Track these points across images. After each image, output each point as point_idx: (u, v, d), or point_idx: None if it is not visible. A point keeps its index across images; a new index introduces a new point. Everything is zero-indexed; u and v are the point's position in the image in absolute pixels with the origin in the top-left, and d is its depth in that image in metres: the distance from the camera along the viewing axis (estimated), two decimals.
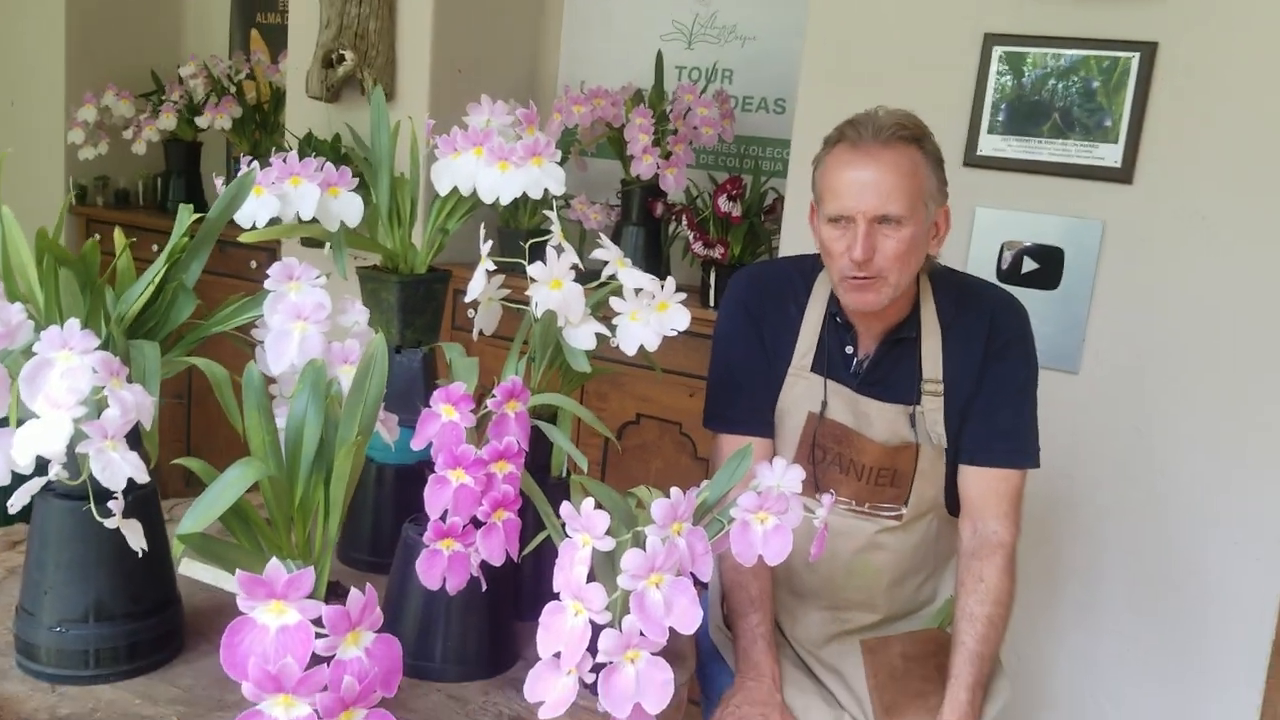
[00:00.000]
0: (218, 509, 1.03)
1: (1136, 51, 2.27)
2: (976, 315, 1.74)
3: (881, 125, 1.62)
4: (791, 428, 1.78)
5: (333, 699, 0.93)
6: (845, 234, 1.63)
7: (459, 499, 1.20)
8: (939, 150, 1.69)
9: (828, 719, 1.73)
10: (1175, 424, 2.35)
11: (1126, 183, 2.32)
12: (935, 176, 1.66)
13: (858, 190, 1.60)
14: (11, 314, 1.09)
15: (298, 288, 1.25)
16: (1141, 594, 2.43)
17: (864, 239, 1.60)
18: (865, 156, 1.61)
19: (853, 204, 1.61)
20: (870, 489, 1.74)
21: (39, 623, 1.27)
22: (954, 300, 1.76)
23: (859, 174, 1.61)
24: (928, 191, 1.63)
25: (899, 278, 1.64)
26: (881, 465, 1.73)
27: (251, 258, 3.54)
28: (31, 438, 1.04)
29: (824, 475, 1.74)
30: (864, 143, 1.62)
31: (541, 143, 1.53)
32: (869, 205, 1.60)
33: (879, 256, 1.61)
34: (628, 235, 3.05)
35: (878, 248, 1.61)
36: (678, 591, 1.17)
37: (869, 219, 1.60)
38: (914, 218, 1.61)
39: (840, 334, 1.76)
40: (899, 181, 1.60)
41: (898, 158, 1.61)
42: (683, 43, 3.31)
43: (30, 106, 4.25)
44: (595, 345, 1.47)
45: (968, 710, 1.64)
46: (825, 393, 1.75)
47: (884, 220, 1.60)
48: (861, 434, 1.73)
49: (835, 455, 1.75)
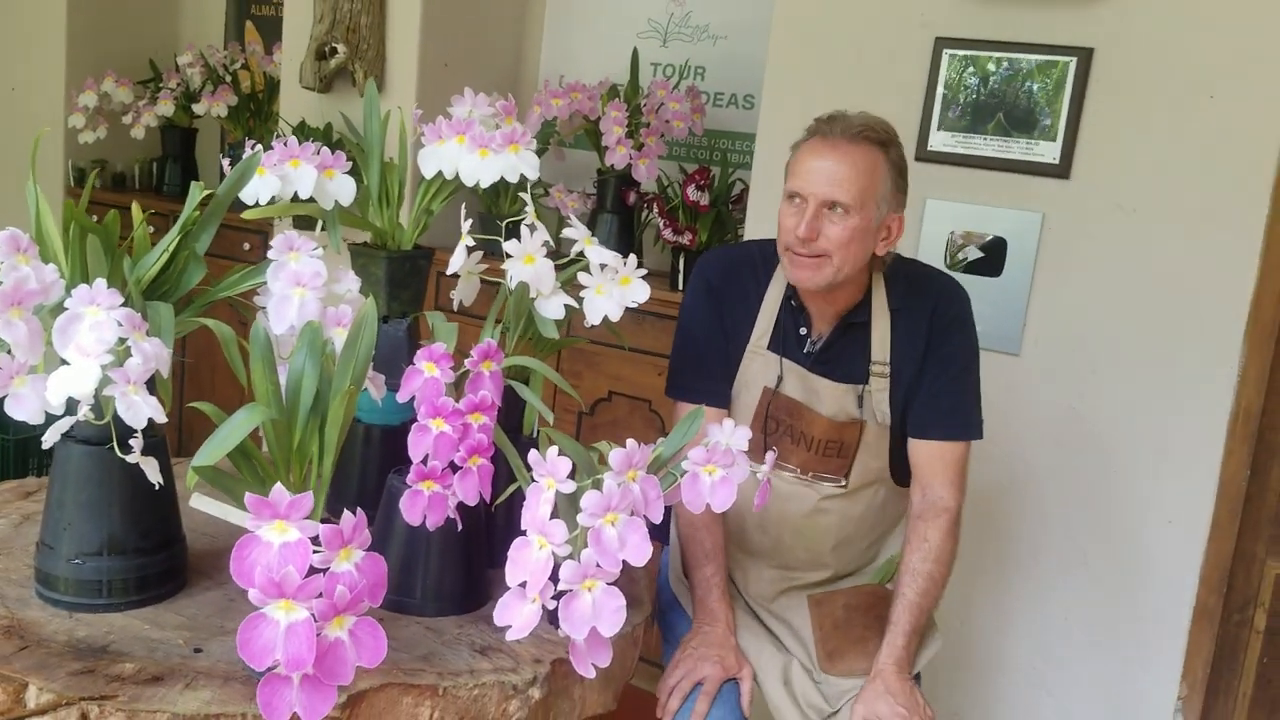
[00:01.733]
0: (228, 445, 1.18)
1: (1074, 56, 2.42)
2: (922, 300, 1.87)
3: (851, 124, 1.76)
4: (747, 401, 1.90)
5: (327, 605, 1.07)
6: (798, 212, 1.76)
7: (438, 445, 1.35)
8: (903, 161, 1.82)
9: (776, 662, 1.88)
10: (1109, 402, 2.49)
11: (1064, 178, 2.46)
12: (892, 182, 1.78)
13: (814, 175, 1.74)
14: (46, 274, 1.24)
15: (297, 257, 1.40)
16: (1079, 564, 2.57)
17: (810, 219, 1.73)
18: (830, 148, 1.75)
19: (807, 185, 1.75)
20: (817, 459, 1.88)
21: (58, 555, 1.41)
22: (902, 287, 1.88)
23: (820, 162, 1.75)
24: (881, 192, 1.76)
25: (840, 262, 1.75)
26: (829, 438, 1.86)
27: (245, 240, 3.68)
28: (64, 381, 1.18)
29: (776, 444, 1.87)
30: (833, 136, 1.76)
31: (519, 132, 1.67)
32: (820, 189, 1.73)
33: (822, 239, 1.74)
34: (602, 222, 3.18)
35: (822, 230, 1.74)
36: (630, 529, 1.32)
37: (819, 201, 1.73)
38: (861, 211, 1.73)
39: (795, 316, 1.89)
40: (853, 174, 1.73)
41: (858, 154, 1.74)
42: (658, 40, 3.45)
43: (31, 92, 4.36)
44: (564, 315, 1.62)
45: (903, 654, 1.78)
46: (781, 369, 1.87)
47: (832, 206, 1.73)
48: (811, 409, 1.86)
49: (787, 427, 1.88)
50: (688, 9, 3.39)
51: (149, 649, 1.34)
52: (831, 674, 1.85)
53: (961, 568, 2.62)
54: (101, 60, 4.23)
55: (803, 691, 1.85)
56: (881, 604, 1.89)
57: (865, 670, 1.81)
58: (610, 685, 1.56)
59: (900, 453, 1.90)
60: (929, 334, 1.86)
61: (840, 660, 1.86)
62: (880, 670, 1.77)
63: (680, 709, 1.78)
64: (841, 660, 1.86)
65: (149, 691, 1.24)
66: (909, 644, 1.80)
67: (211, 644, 1.37)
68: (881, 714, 1.73)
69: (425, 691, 1.32)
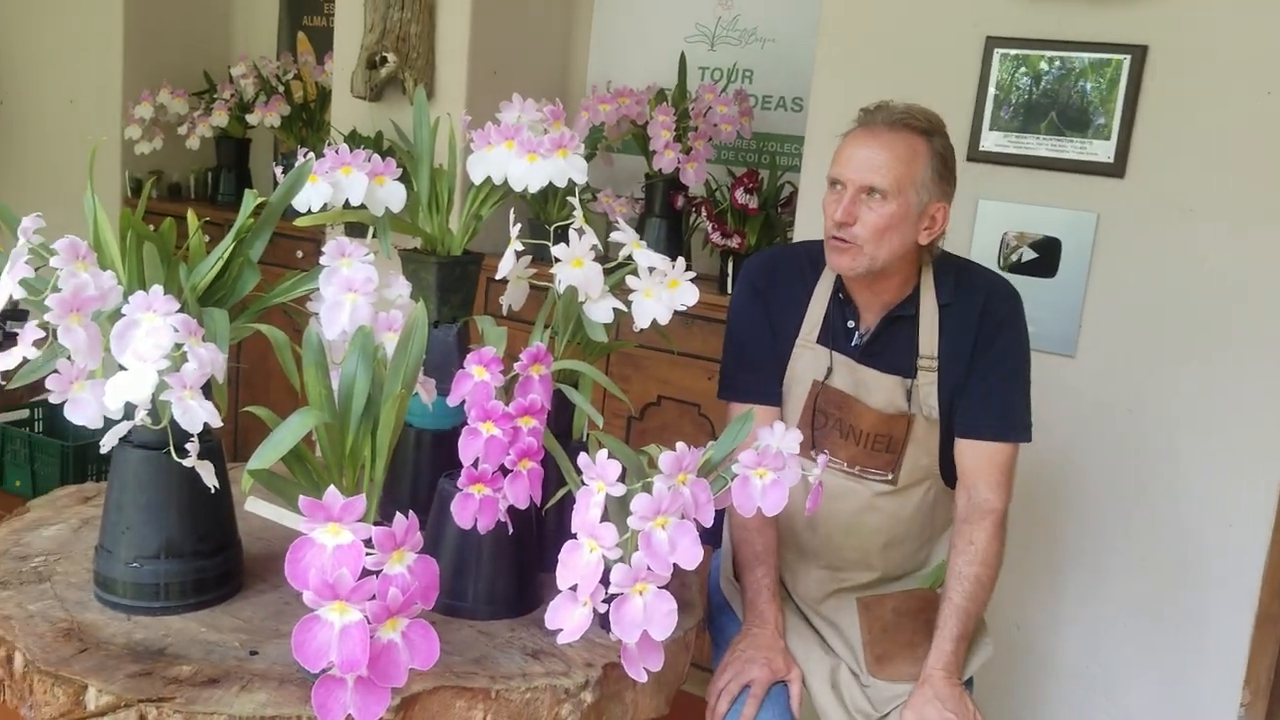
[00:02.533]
0: (283, 448, 1.19)
1: (1128, 54, 2.39)
2: (971, 298, 1.85)
3: (893, 112, 1.78)
4: (797, 395, 1.90)
5: (380, 607, 1.08)
6: (837, 198, 1.78)
7: (489, 448, 1.36)
8: (949, 150, 1.81)
9: (825, 665, 1.87)
10: (1166, 403, 2.45)
11: (1119, 177, 2.43)
12: (934, 170, 1.77)
13: (853, 161, 1.76)
14: (104, 280, 1.26)
15: (349, 263, 1.41)
16: (1134, 567, 2.54)
17: (847, 203, 1.75)
18: (870, 135, 1.77)
19: (845, 171, 1.77)
20: (866, 453, 1.86)
21: (116, 559, 1.43)
22: (952, 283, 1.86)
23: (860, 149, 1.76)
24: (920, 179, 1.75)
25: (875, 249, 1.76)
26: (878, 431, 1.85)
27: (298, 248, 3.73)
28: (122, 386, 1.20)
29: (824, 439, 1.86)
30: (875, 125, 1.77)
31: (566, 136, 1.68)
32: (857, 174, 1.75)
33: (859, 225, 1.75)
34: (650, 227, 3.18)
35: (859, 217, 1.74)
36: (681, 533, 1.32)
37: (856, 187, 1.75)
38: (899, 197, 1.73)
39: (843, 309, 1.89)
40: (890, 160, 1.73)
41: (898, 141, 1.75)
42: (705, 44, 3.45)
43: (89, 104, 4.45)
44: (612, 319, 1.62)
45: (952, 660, 1.76)
46: (830, 361, 1.87)
47: (870, 192, 1.74)
48: (860, 401, 1.85)
49: (836, 420, 1.87)
50: (735, 12, 3.39)
51: (206, 651, 1.36)
52: (880, 678, 1.84)
53: (1013, 570, 2.60)
54: (157, 72, 4.31)
55: (850, 696, 1.84)
56: (931, 609, 1.87)
57: (914, 675, 1.80)
58: (662, 690, 1.55)
59: (950, 451, 1.88)
60: (978, 332, 1.84)
61: (889, 665, 1.85)
62: (929, 675, 1.75)
63: (729, 712, 1.77)
64: (890, 665, 1.85)
65: (206, 693, 1.26)
66: (957, 649, 1.78)
67: (267, 647, 1.38)
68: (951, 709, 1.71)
69: (478, 695, 1.32)
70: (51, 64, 4.63)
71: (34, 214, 1.31)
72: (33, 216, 1.31)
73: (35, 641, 1.34)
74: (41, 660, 1.30)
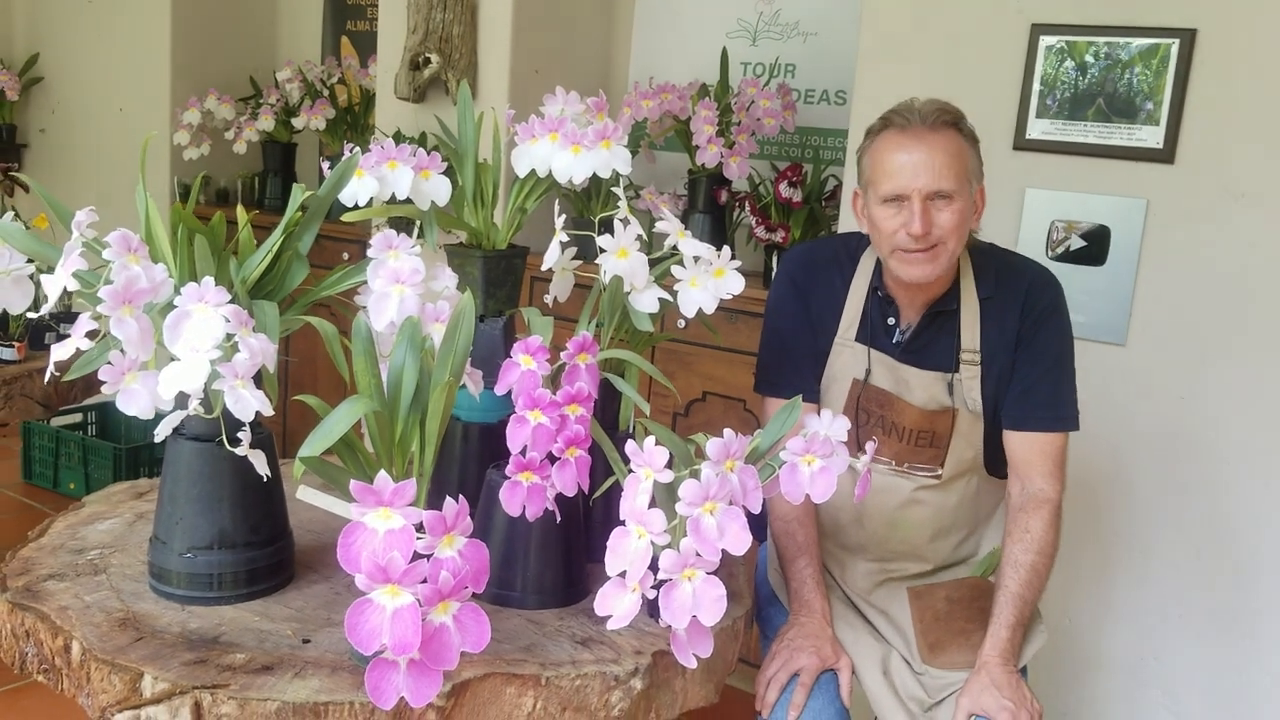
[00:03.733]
0: (334, 436, 1.20)
1: (1176, 38, 2.36)
2: (1013, 290, 1.84)
3: (926, 111, 1.75)
4: (837, 394, 1.89)
5: (431, 590, 1.09)
6: (900, 212, 1.74)
7: (536, 436, 1.36)
8: (974, 132, 1.81)
9: (875, 653, 1.86)
10: (1220, 392, 2.42)
11: (1168, 163, 2.40)
12: (975, 156, 1.78)
13: (911, 170, 1.72)
14: (157, 273, 1.27)
15: (397, 255, 1.42)
16: (1190, 558, 2.50)
17: (922, 214, 1.71)
18: (914, 140, 1.73)
19: (908, 183, 1.72)
20: (910, 449, 1.86)
21: (171, 550, 1.45)
22: (992, 275, 1.86)
23: (911, 155, 1.73)
24: (971, 169, 1.76)
25: (956, 245, 1.76)
26: (921, 428, 1.84)
27: (344, 250, 3.76)
28: (175, 377, 1.22)
29: (867, 437, 1.83)
30: (912, 127, 1.74)
31: (610, 128, 1.68)
32: (923, 183, 1.72)
33: (936, 229, 1.72)
34: (694, 222, 3.17)
35: (935, 221, 1.72)
36: (730, 518, 1.32)
37: (924, 195, 1.72)
38: (962, 192, 1.74)
39: (883, 307, 1.88)
40: (948, 160, 1.72)
41: (944, 139, 1.74)
42: (747, 39, 3.45)
43: (138, 111, 4.53)
44: (658, 309, 1.62)
45: (1007, 647, 1.75)
46: (869, 361, 1.86)
47: (938, 196, 1.72)
48: (902, 398, 1.84)
49: (878, 418, 1.86)
50: (777, 7, 3.38)
51: (259, 640, 1.37)
52: (934, 666, 1.83)
53: (1063, 561, 2.56)
54: (204, 79, 4.37)
55: (902, 683, 1.83)
56: (984, 597, 1.87)
57: (969, 663, 1.79)
58: (711, 678, 1.55)
59: (994, 443, 1.88)
60: (1020, 324, 1.83)
61: (943, 653, 1.84)
62: (985, 662, 1.74)
63: (778, 701, 1.76)
64: (944, 653, 1.84)
65: (259, 681, 1.27)
66: (1014, 636, 1.77)
67: (319, 635, 1.40)
68: (988, 707, 1.70)
69: (528, 681, 1.33)
70: (101, 72, 4.72)
71: (87, 208, 1.33)
72: (86, 210, 1.33)
73: (92, 631, 1.36)
74: (99, 649, 1.32)
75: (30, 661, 1.40)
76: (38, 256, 1.45)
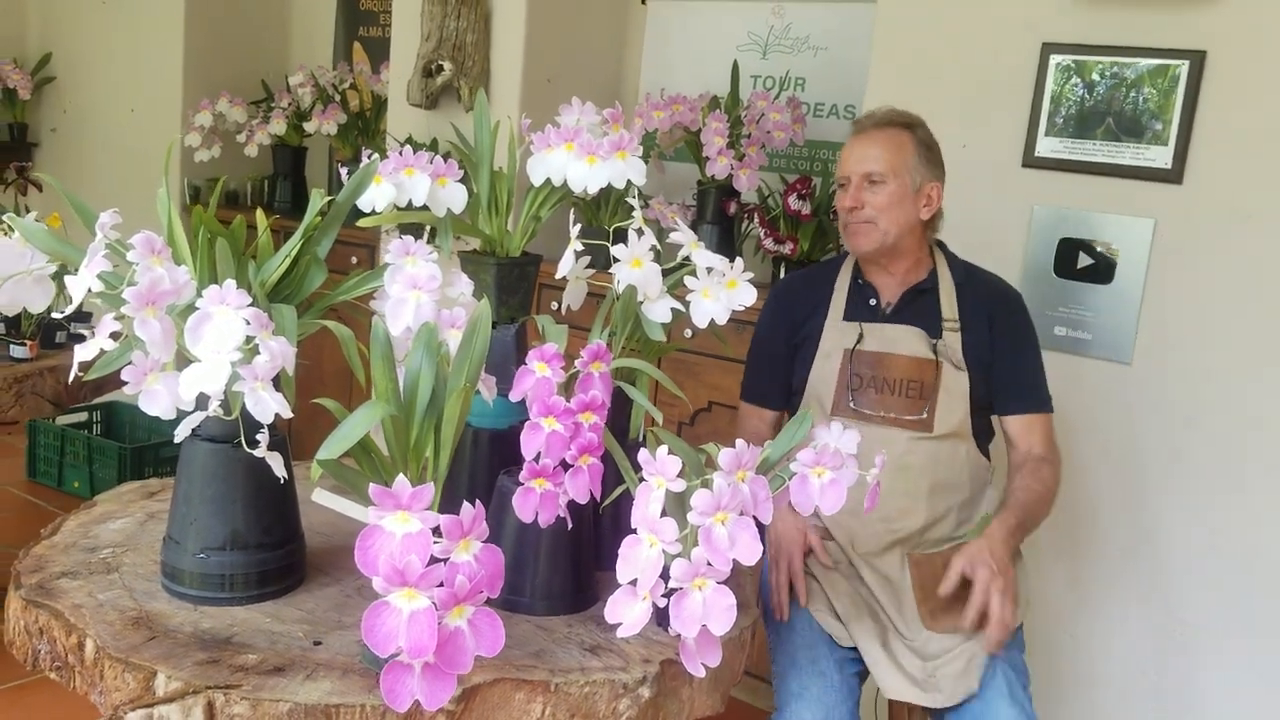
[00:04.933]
0: (351, 439, 1.21)
1: (1186, 60, 2.37)
2: (982, 284, 2.13)
3: (877, 115, 2.11)
4: (832, 365, 2.09)
5: (447, 594, 1.10)
6: (845, 191, 2.08)
7: (550, 443, 1.37)
8: (931, 139, 2.10)
9: (874, 630, 1.99)
10: (1227, 412, 2.43)
11: (1176, 183, 2.42)
12: (921, 155, 2.06)
13: (853, 158, 2.08)
14: (179, 275, 1.29)
15: (414, 261, 1.44)
16: (1195, 579, 2.51)
17: (854, 190, 2.06)
18: (862, 135, 2.09)
19: (846, 168, 2.09)
20: (901, 401, 2.04)
21: (184, 550, 1.46)
22: (964, 270, 2.13)
23: (855, 149, 2.09)
24: (911, 163, 2.05)
25: (886, 224, 2.05)
26: (910, 377, 2.04)
27: (353, 253, 3.78)
28: (196, 378, 1.23)
29: (862, 397, 2.06)
30: (865, 128, 2.10)
31: (625, 138, 1.70)
32: (858, 166, 2.06)
33: (867, 207, 2.04)
34: (703, 233, 3.17)
35: (866, 200, 2.04)
36: (741, 528, 1.33)
37: (859, 176, 2.05)
38: (896, 179, 2.03)
39: (864, 291, 2.14)
40: (881, 150, 2.05)
41: (886, 135, 2.06)
42: (758, 53, 3.46)
43: (150, 113, 4.54)
44: (671, 319, 1.64)
45: (1010, 531, 1.94)
46: (861, 330, 2.08)
47: (870, 179, 2.04)
48: (891, 353, 2.05)
49: (870, 379, 2.06)
50: (788, 21, 3.40)
51: (271, 641, 1.38)
52: (934, 630, 1.95)
53: (1069, 578, 2.58)
54: (216, 82, 4.39)
55: (900, 653, 1.96)
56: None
57: (965, 629, 1.91)
58: (719, 687, 1.56)
59: (979, 417, 2.08)
60: (991, 311, 2.08)
61: (942, 618, 1.96)
62: (989, 534, 1.93)
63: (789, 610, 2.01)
64: (945, 617, 1.96)
65: (271, 681, 1.28)
66: (1009, 538, 1.94)
67: (330, 637, 1.41)
68: (979, 574, 1.88)
69: (537, 687, 1.33)
70: (113, 73, 4.73)
71: (111, 209, 1.34)
72: (110, 212, 1.34)
73: (105, 629, 1.37)
74: (112, 647, 1.33)
75: (43, 658, 1.41)
76: (56, 256, 1.47)
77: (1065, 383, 2.35)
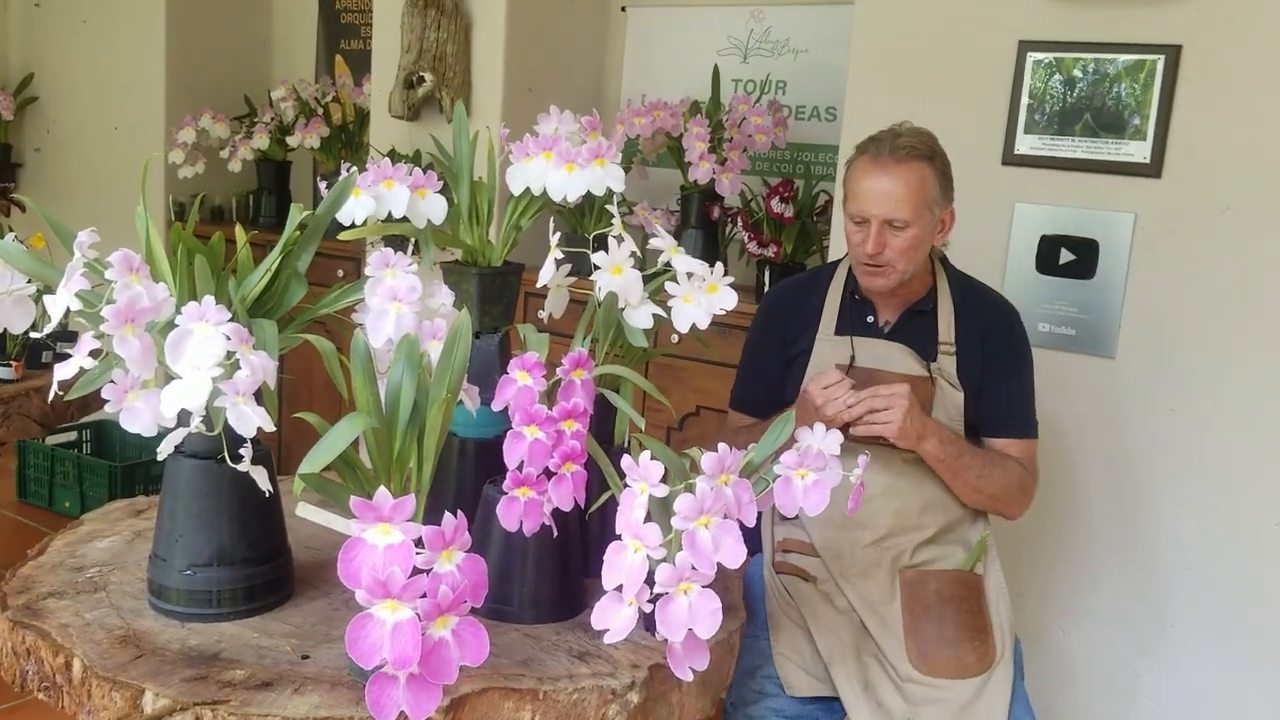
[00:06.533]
0: (334, 452, 1.22)
1: (1162, 54, 2.38)
2: (979, 302, 2.08)
3: (898, 144, 1.93)
4: None
5: (430, 604, 1.10)
6: (862, 230, 1.96)
7: (533, 452, 1.38)
8: (947, 164, 1.99)
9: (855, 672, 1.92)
10: (1210, 404, 2.44)
11: (1155, 177, 2.43)
12: (940, 186, 1.96)
13: (873, 198, 1.93)
14: (158, 292, 1.29)
15: (394, 273, 1.44)
16: (1181, 571, 2.51)
17: (875, 237, 1.93)
18: (881, 170, 1.93)
19: (868, 208, 1.93)
20: None
21: (170, 567, 1.46)
22: (962, 288, 2.08)
23: (875, 184, 1.93)
24: (932, 200, 1.94)
25: (905, 266, 1.96)
26: None
27: (338, 267, 3.78)
28: (177, 394, 1.23)
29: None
30: (882, 157, 1.93)
31: (604, 146, 1.70)
32: (880, 211, 1.92)
33: (888, 251, 1.93)
34: (687, 238, 3.20)
35: (887, 244, 1.93)
36: (724, 532, 1.33)
37: (880, 221, 1.92)
38: (918, 222, 1.93)
39: (860, 307, 2.07)
40: (907, 193, 1.91)
41: (908, 173, 1.92)
42: (738, 57, 3.47)
43: (132, 130, 4.54)
44: (652, 325, 1.64)
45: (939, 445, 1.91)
46: (853, 347, 2.03)
47: (893, 223, 1.92)
48: (886, 370, 1.99)
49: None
50: (767, 24, 3.41)
51: (258, 656, 1.38)
52: (922, 674, 1.89)
53: (1057, 574, 2.59)
54: (199, 98, 4.39)
55: (883, 697, 1.90)
56: (973, 595, 1.96)
57: (955, 674, 1.87)
58: (708, 691, 1.56)
59: (974, 436, 2.03)
60: (986, 333, 2.04)
61: (931, 663, 1.90)
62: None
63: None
64: (932, 663, 1.90)
65: (259, 696, 1.28)
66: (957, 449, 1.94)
67: (318, 651, 1.40)
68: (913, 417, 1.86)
69: (526, 695, 1.34)
70: (96, 91, 4.73)
71: (89, 229, 1.34)
72: (88, 231, 1.34)
73: (93, 648, 1.37)
74: (99, 666, 1.33)
75: (31, 679, 1.41)
76: (37, 276, 1.46)
77: (1051, 379, 2.35)
